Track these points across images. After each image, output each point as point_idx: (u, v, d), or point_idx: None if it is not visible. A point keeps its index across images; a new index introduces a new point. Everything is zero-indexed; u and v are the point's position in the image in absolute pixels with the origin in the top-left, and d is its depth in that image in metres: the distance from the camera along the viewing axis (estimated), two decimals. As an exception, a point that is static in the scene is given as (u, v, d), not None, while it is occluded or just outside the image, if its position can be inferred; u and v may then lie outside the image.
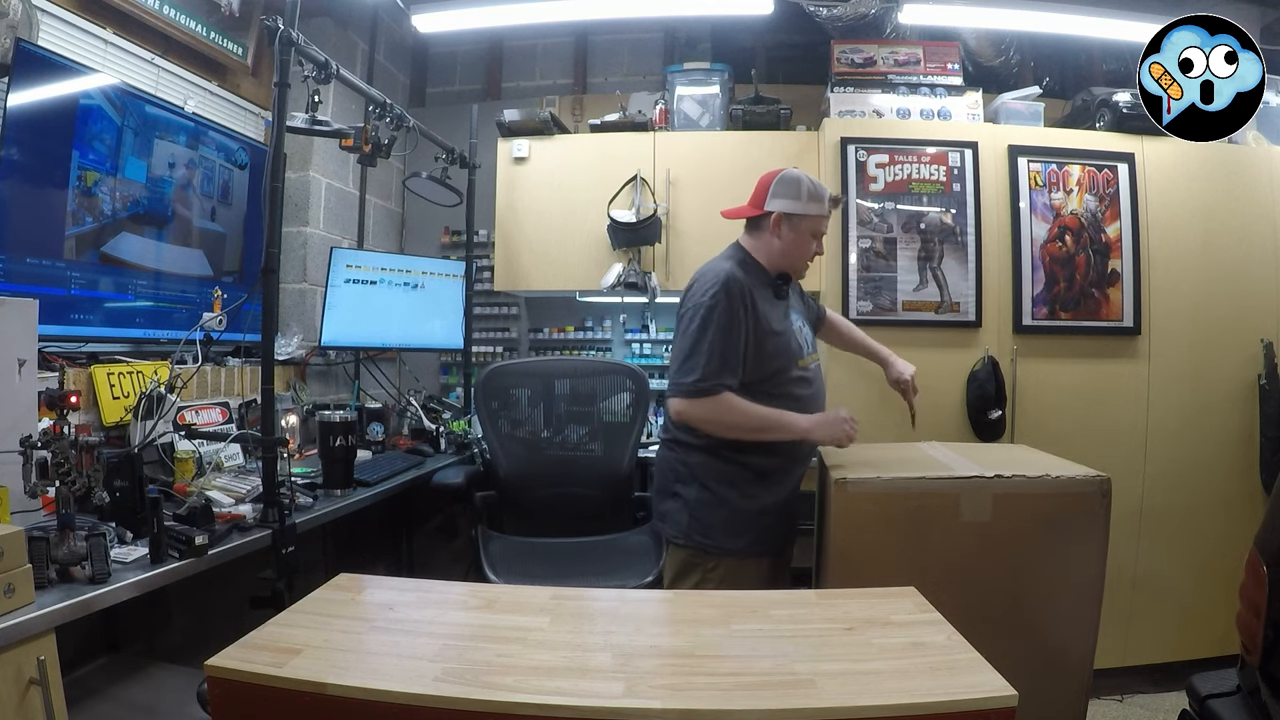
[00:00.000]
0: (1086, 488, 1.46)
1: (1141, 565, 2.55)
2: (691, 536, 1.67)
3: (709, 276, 1.65)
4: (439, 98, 3.68)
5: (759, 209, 1.72)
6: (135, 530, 1.44)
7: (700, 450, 1.68)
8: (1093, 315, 2.59)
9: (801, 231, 1.71)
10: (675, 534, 1.70)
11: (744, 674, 0.92)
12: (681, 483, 1.71)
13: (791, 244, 1.71)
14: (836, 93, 2.82)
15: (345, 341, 2.79)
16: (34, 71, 1.81)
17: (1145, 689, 2.54)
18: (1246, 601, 1.37)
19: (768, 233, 1.72)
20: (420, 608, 1.14)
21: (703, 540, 1.66)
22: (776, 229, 1.71)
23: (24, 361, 1.43)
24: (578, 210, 2.95)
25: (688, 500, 1.69)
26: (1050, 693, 1.43)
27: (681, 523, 1.69)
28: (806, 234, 1.72)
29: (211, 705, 0.92)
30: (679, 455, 1.72)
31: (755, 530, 1.67)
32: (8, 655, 1.06)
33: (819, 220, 1.72)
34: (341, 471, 1.97)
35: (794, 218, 1.70)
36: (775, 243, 1.71)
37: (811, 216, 1.70)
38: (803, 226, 1.71)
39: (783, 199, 1.69)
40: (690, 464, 1.70)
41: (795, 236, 1.71)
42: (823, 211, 1.72)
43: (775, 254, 1.72)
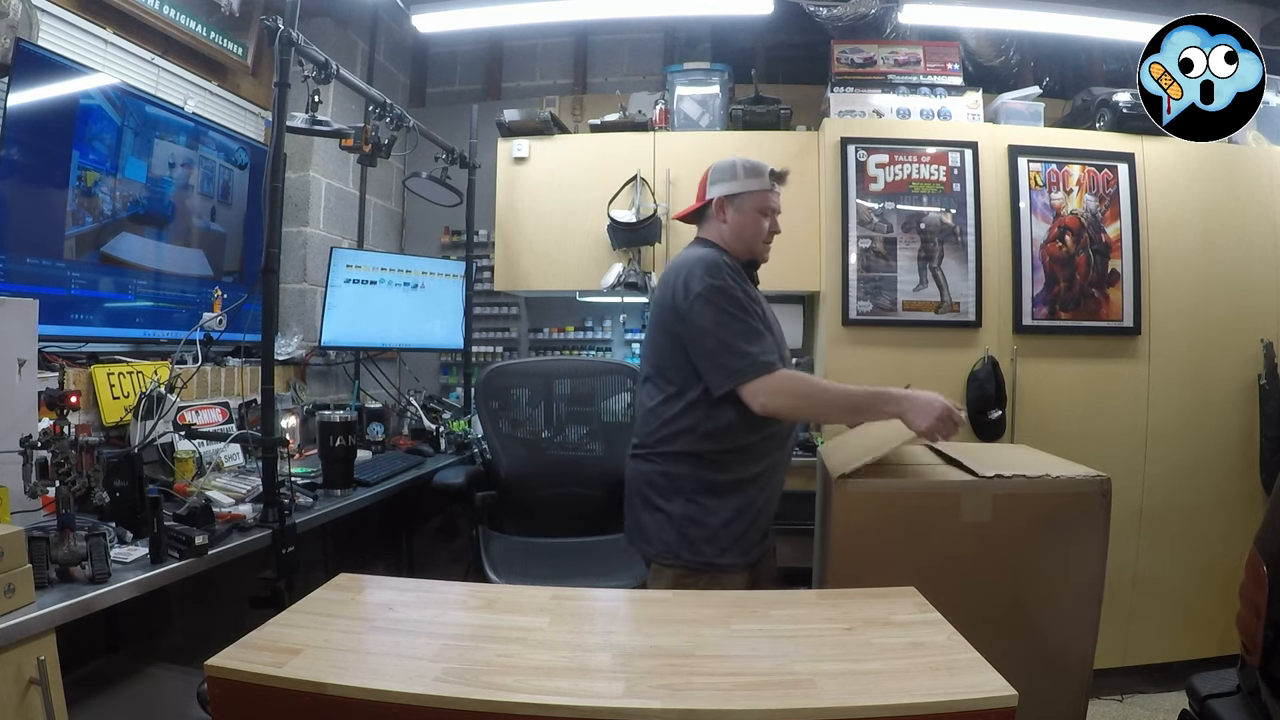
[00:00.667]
0: (1086, 488, 1.46)
1: (1141, 565, 2.55)
2: (680, 555, 1.54)
3: (693, 264, 1.56)
4: (439, 98, 3.68)
5: (701, 200, 1.69)
6: (135, 530, 1.44)
7: (684, 460, 1.56)
8: (1093, 315, 2.59)
9: (746, 210, 1.64)
10: (660, 553, 1.57)
11: (744, 674, 0.92)
12: (663, 497, 1.57)
13: (740, 225, 1.65)
14: (836, 93, 2.82)
15: (345, 341, 2.79)
16: (34, 71, 1.81)
17: (1145, 689, 2.55)
18: (1246, 601, 1.37)
19: (715, 220, 1.67)
20: (420, 608, 1.14)
21: (692, 558, 1.53)
22: (721, 213, 1.65)
23: (24, 361, 1.43)
24: (578, 210, 2.95)
25: (672, 516, 1.56)
26: (1050, 693, 1.42)
27: (668, 540, 1.55)
28: (753, 211, 1.65)
29: (211, 705, 0.92)
30: (659, 467, 1.59)
31: (743, 544, 1.56)
32: (8, 655, 1.06)
33: (762, 195, 1.65)
34: (341, 471, 1.97)
35: (734, 197, 1.64)
36: (724, 228, 1.65)
37: (753, 192, 1.64)
38: (746, 205, 1.64)
39: (720, 183, 1.66)
40: (674, 476, 1.57)
41: (741, 216, 1.64)
42: (764, 185, 1.65)
43: (729, 239, 1.65)
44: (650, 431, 1.61)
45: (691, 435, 1.56)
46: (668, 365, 1.58)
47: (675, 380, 1.57)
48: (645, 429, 1.63)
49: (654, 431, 1.60)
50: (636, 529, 1.64)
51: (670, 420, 1.57)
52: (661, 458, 1.59)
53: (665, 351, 1.59)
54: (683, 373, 1.56)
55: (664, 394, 1.59)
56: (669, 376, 1.58)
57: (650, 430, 1.61)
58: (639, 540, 1.64)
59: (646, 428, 1.63)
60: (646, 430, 1.63)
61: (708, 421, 1.54)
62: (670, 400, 1.58)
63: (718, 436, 1.54)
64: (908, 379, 2.54)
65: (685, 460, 1.56)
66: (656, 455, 1.60)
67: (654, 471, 1.60)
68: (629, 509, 1.68)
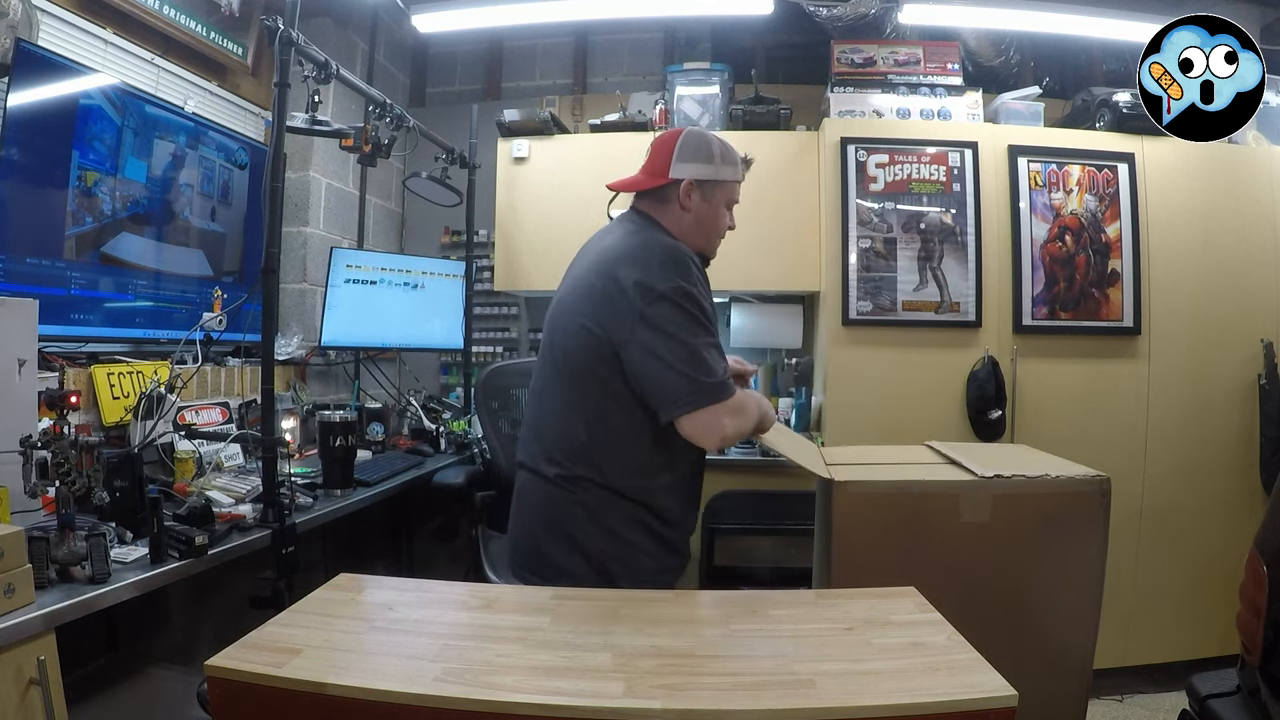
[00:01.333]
0: (1086, 488, 1.46)
1: (1141, 565, 2.55)
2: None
3: (654, 252, 1.32)
4: (439, 98, 3.68)
5: (663, 177, 1.42)
6: (135, 530, 1.44)
7: (603, 489, 1.34)
8: (1093, 315, 2.59)
9: (716, 201, 1.44)
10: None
11: (744, 674, 0.92)
12: (577, 528, 1.35)
13: (704, 217, 1.44)
14: (836, 93, 2.82)
15: (345, 341, 2.79)
16: (34, 71, 1.81)
17: (1145, 689, 2.55)
18: (1246, 601, 1.37)
19: (675, 204, 1.42)
20: (420, 608, 1.14)
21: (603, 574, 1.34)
22: (687, 198, 1.41)
23: (24, 361, 1.43)
24: (578, 210, 2.94)
25: (588, 551, 1.35)
26: (1050, 693, 1.42)
27: (578, 575, 1.33)
28: (720, 204, 1.45)
29: (211, 705, 0.92)
30: (573, 495, 1.35)
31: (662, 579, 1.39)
32: (8, 655, 1.06)
33: (733, 187, 1.47)
34: (341, 471, 1.97)
35: (707, 184, 1.42)
36: (686, 216, 1.42)
37: (726, 183, 1.45)
38: (718, 194, 1.44)
39: (693, 163, 1.41)
40: (591, 506, 1.34)
41: (708, 208, 1.43)
42: (738, 176, 1.47)
43: (688, 229, 1.42)
44: (567, 451, 1.36)
45: (622, 464, 1.34)
46: (594, 366, 1.33)
47: (599, 385, 1.33)
48: (558, 446, 1.37)
49: (572, 452, 1.35)
50: (540, 561, 1.39)
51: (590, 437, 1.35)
52: (577, 484, 1.35)
53: (591, 349, 1.33)
54: (611, 376, 1.32)
55: (582, 401, 1.35)
56: (593, 380, 1.34)
57: (566, 449, 1.36)
58: (536, 575, 1.39)
59: (560, 445, 1.37)
60: (559, 448, 1.37)
61: (643, 447, 1.34)
62: (590, 411, 1.35)
63: (650, 467, 1.35)
64: (908, 379, 2.57)
65: (605, 489, 1.35)
66: (571, 481, 1.36)
67: (567, 499, 1.36)
68: (528, 536, 1.43)
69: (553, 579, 1.34)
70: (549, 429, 1.41)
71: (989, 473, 1.46)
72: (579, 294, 1.38)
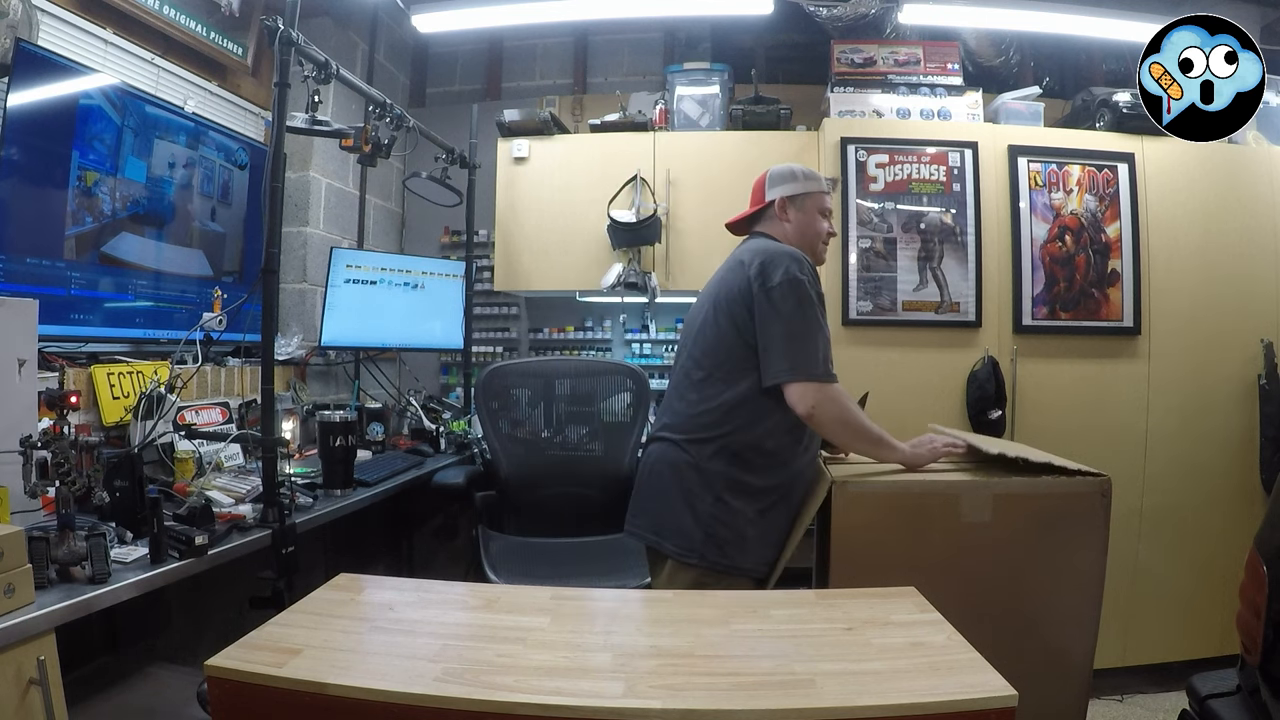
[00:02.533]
0: (1086, 488, 1.46)
1: (1141, 565, 2.55)
2: (705, 555, 1.52)
3: (775, 254, 1.56)
4: (439, 98, 3.68)
5: (761, 203, 1.72)
6: (135, 530, 1.44)
7: (719, 457, 1.54)
8: (1093, 315, 2.59)
9: (808, 209, 1.70)
10: (683, 550, 1.53)
11: (744, 674, 0.92)
12: (693, 493, 1.54)
13: (802, 224, 1.69)
14: (836, 93, 2.82)
15: (345, 341, 2.79)
16: (34, 71, 1.81)
17: (1145, 689, 2.54)
18: (1246, 601, 1.37)
19: (776, 220, 1.70)
20: (420, 608, 1.14)
21: (717, 559, 1.52)
22: (784, 213, 1.69)
23: (24, 361, 1.43)
24: (578, 210, 2.95)
25: (700, 514, 1.53)
26: (1050, 693, 1.42)
27: (693, 538, 1.53)
28: (813, 211, 1.70)
29: (211, 705, 0.92)
30: (690, 459, 1.56)
31: (764, 552, 1.55)
32: (8, 655, 1.06)
33: (822, 196, 1.72)
34: (341, 471, 1.97)
35: (796, 197, 1.69)
36: (787, 227, 1.69)
37: (814, 193, 1.70)
38: (808, 204, 1.70)
39: (780, 185, 1.70)
40: (706, 472, 1.54)
41: (803, 216, 1.69)
42: (822, 187, 1.72)
43: (793, 238, 1.68)
44: (686, 420, 1.59)
45: (734, 431, 1.54)
46: (723, 354, 1.57)
47: (728, 370, 1.56)
48: (680, 417, 1.61)
49: (691, 419, 1.58)
50: (658, 522, 1.60)
51: (713, 411, 1.55)
52: (695, 447, 1.56)
53: (724, 339, 1.57)
54: (739, 364, 1.55)
55: (712, 384, 1.57)
56: (723, 365, 1.56)
57: (687, 418, 1.59)
58: (653, 531, 1.60)
59: (681, 416, 1.60)
60: (682, 419, 1.60)
61: (755, 420, 1.53)
62: (717, 391, 1.56)
63: (761, 437, 1.54)
64: (908, 379, 2.56)
65: (720, 457, 1.54)
66: (691, 444, 1.57)
67: (685, 463, 1.57)
68: (648, 496, 1.64)
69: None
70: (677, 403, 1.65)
71: (994, 449, 1.48)
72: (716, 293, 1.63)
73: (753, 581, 1.55)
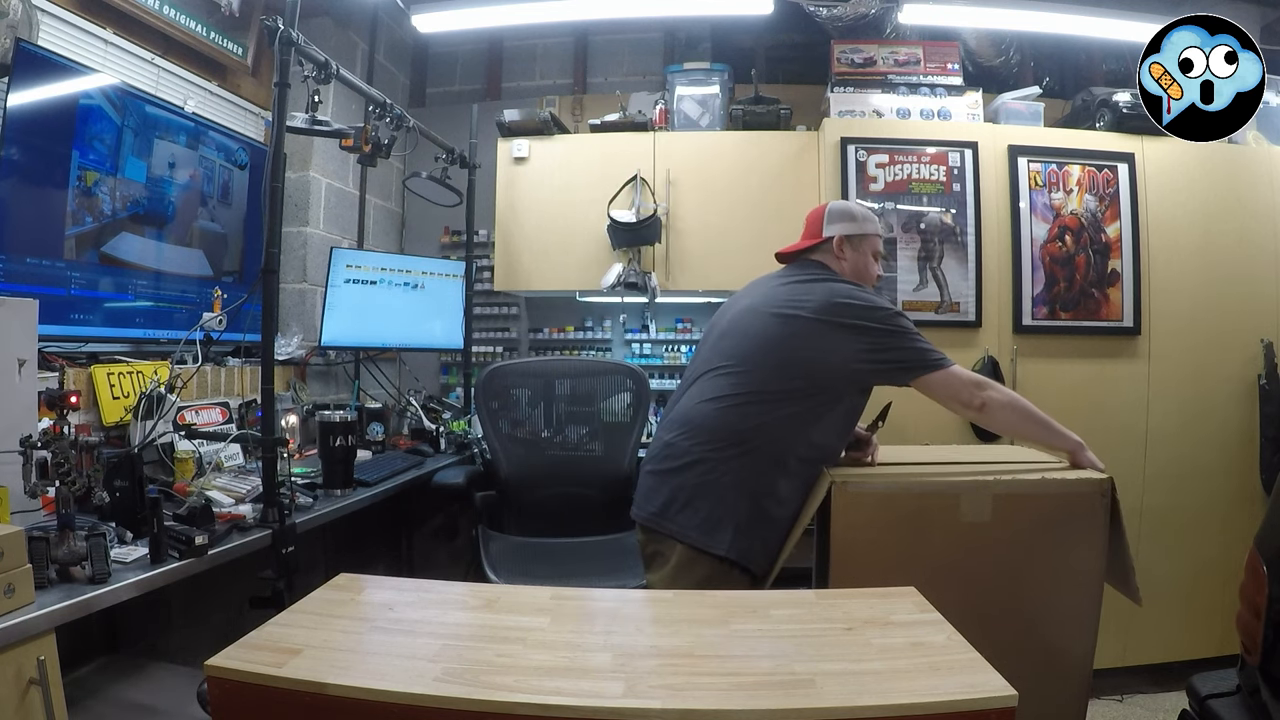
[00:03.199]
0: (1086, 488, 1.46)
1: (1141, 565, 2.53)
2: (730, 552, 1.52)
3: (841, 287, 1.62)
4: (439, 98, 3.68)
5: (817, 237, 1.74)
6: (135, 530, 1.44)
7: (762, 462, 1.56)
8: (1093, 315, 2.59)
9: (863, 251, 1.73)
10: (711, 543, 1.53)
11: (744, 674, 0.92)
12: (727, 493, 1.55)
13: (857, 264, 1.72)
14: (836, 93, 2.82)
15: (345, 341, 2.79)
16: (34, 71, 1.81)
17: (1145, 689, 2.54)
18: (1246, 601, 1.37)
19: (833, 256, 1.72)
20: (420, 608, 1.14)
21: (740, 558, 1.53)
22: (841, 251, 1.71)
23: (24, 361, 1.43)
24: (578, 210, 2.95)
25: (738, 516, 1.54)
26: (1050, 693, 1.42)
27: (725, 538, 1.53)
28: (868, 253, 1.74)
29: (211, 705, 0.92)
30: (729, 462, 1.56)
31: (773, 550, 1.58)
32: (8, 655, 1.06)
33: (876, 240, 1.75)
34: (341, 471, 1.97)
35: (854, 238, 1.72)
36: (843, 265, 1.72)
37: (869, 235, 1.74)
38: (864, 246, 1.73)
39: (840, 223, 1.72)
40: (743, 474, 1.56)
41: (859, 256, 1.72)
42: (878, 230, 1.76)
43: (849, 276, 1.71)
44: (722, 424, 1.57)
45: (782, 439, 1.56)
46: (770, 367, 1.57)
47: (782, 384, 1.56)
48: (714, 420, 1.58)
49: (730, 424, 1.57)
50: (693, 518, 1.56)
51: (758, 417, 1.56)
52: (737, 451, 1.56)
53: (771, 353, 1.58)
54: (801, 379, 1.56)
55: (766, 396, 1.56)
56: (778, 377, 1.57)
57: (724, 423, 1.57)
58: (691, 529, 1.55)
59: (716, 420, 1.58)
60: (717, 422, 1.58)
61: (805, 428, 1.57)
62: (769, 402, 1.56)
63: (808, 446, 1.58)
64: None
65: (764, 462, 1.56)
66: (730, 447, 1.57)
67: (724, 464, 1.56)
68: (669, 483, 1.60)
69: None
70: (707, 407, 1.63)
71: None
72: (771, 309, 1.63)
73: (751, 580, 1.56)
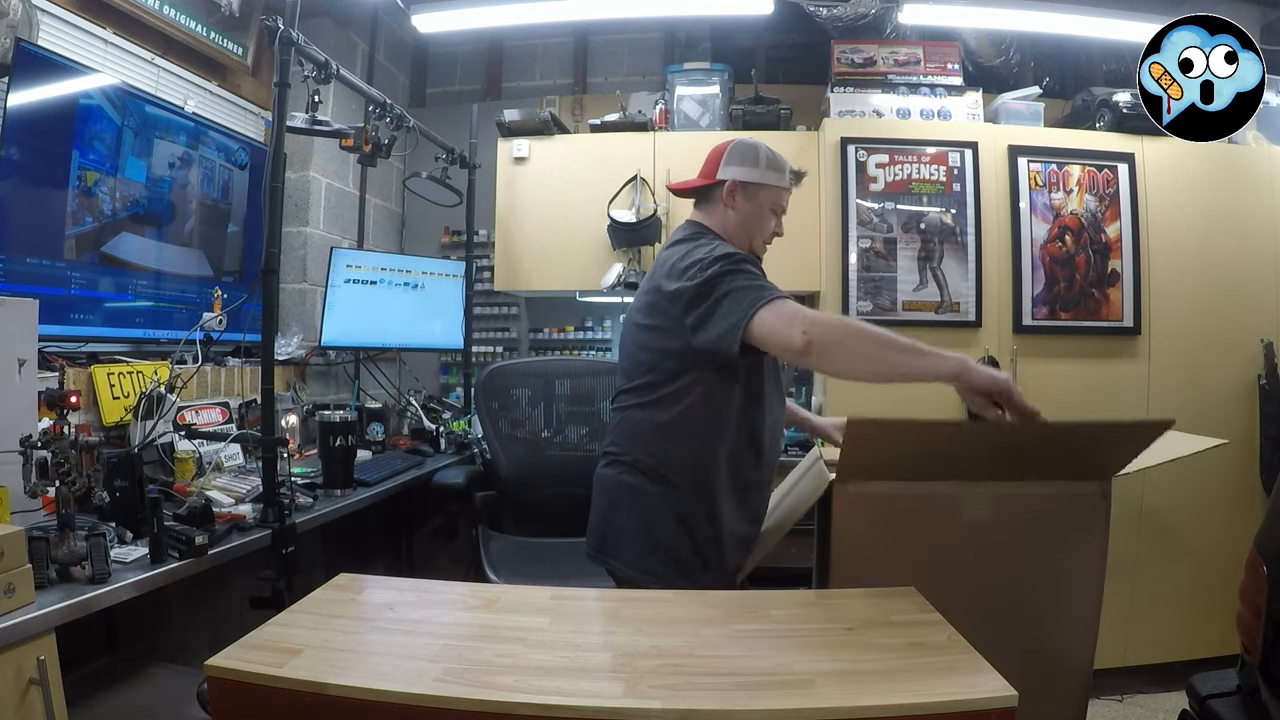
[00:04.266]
0: (1086, 488, 1.46)
1: (1141, 565, 2.55)
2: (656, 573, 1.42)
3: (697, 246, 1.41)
4: (439, 98, 3.68)
5: (710, 178, 1.52)
6: (135, 530, 1.44)
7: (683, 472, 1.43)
8: (1093, 315, 2.59)
9: (759, 203, 1.51)
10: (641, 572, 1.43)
11: (744, 674, 0.92)
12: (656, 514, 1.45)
13: (748, 217, 1.51)
14: (836, 93, 2.82)
15: (345, 341, 2.79)
16: (34, 71, 1.81)
17: (1145, 689, 2.54)
18: (1246, 601, 1.37)
19: (720, 204, 1.51)
20: (420, 608, 1.14)
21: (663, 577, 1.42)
22: (731, 198, 1.50)
23: (24, 361, 1.43)
24: (578, 210, 2.95)
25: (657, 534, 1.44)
26: (1050, 693, 1.42)
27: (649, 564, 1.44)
28: (765, 206, 1.52)
29: (211, 705, 0.92)
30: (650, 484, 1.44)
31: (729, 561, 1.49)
32: (8, 655, 1.06)
33: (779, 193, 1.53)
34: (341, 471, 1.97)
35: (750, 186, 1.50)
36: (730, 214, 1.51)
37: (771, 187, 1.51)
38: (761, 197, 1.51)
39: (737, 166, 1.51)
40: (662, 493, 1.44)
41: (752, 208, 1.51)
42: (783, 183, 1.53)
43: (731, 228, 1.50)
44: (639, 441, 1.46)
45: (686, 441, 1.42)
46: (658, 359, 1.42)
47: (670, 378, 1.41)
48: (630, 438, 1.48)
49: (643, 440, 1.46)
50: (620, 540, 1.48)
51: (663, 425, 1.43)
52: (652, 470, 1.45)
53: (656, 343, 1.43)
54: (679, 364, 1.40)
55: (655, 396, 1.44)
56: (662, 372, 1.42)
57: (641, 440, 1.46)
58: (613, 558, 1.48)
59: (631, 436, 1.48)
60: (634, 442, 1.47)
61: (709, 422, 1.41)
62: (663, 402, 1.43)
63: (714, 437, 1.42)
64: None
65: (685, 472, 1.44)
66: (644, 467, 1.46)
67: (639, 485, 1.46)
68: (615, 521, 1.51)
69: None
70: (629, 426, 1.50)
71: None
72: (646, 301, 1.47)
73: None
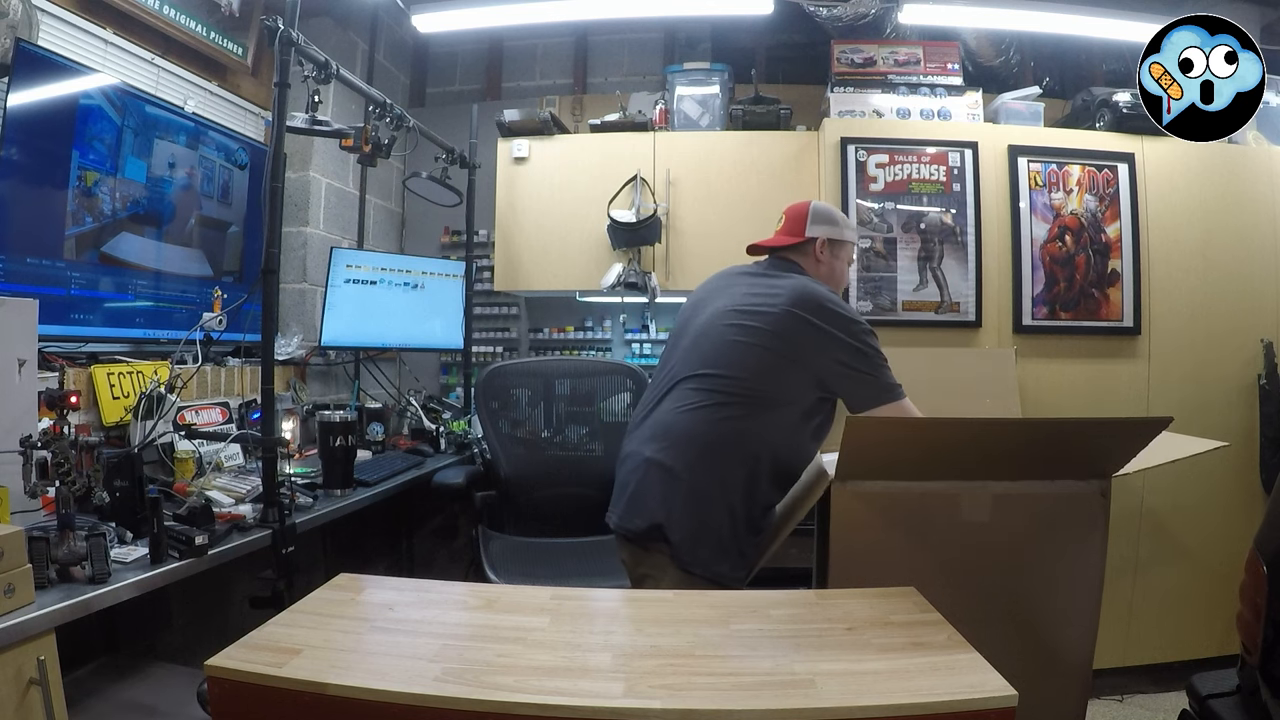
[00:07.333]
0: (1086, 488, 1.46)
1: (1141, 565, 2.55)
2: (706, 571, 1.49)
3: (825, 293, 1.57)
4: (439, 98, 3.68)
5: (799, 236, 1.70)
6: (135, 530, 1.44)
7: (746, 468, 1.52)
8: (1093, 315, 2.59)
9: (841, 257, 1.74)
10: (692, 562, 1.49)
11: (744, 674, 0.92)
12: (713, 507, 1.52)
13: (835, 270, 1.72)
14: (836, 93, 2.82)
15: (345, 341, 2.79)
16: (34, 71, 1.81)
17: (1145, 689, 2.54)
18: (1246, 601, 1.37)
19: (813, 259, 1.70)
20: (420, 608, 1.14)
21: (716, 579, 1.49)
22: (821, 253, 1.70)
23: (24, 361, 1.43)
24: (578, 210, 2.95)
25: (720, 531, 1.51)
26: (1050, 693, 1.42)
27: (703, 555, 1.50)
28: (845, 260, 1.75)
29: (211, 705, 0.92)
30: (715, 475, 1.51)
31: (754, 562, 1.57)
32: (8, 655, 1.06)
33: (854, 247, 1.79)
34: (341, 471, 1.97)
35: (836, 243, 1.71)
36: (821, 268, 1.70)
37: (849, 243, 1.75)
38: (842, 253, 1.73)
39: (825, 225, 1.70)
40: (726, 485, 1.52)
41: (837, 263, 1.73)
42: (856, 238, 1.79)
43: (824, 280, 1.67)
44: (702, 437, 1.53)
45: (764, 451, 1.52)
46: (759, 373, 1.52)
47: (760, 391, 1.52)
48: (699, 431, 1.53)
49: (708, 435, 1.52)
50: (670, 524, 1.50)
51: (739, 425, 1.51)
52: (714, 461, 1.52)
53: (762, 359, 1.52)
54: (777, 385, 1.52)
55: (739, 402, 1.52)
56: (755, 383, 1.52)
57: (704, 436, 1.52)
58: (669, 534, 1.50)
59: (700, 430, 1.53)
60: (700, 434, 1.53)
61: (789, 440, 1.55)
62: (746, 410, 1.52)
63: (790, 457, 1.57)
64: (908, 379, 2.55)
65: (747, 468, 1.52)
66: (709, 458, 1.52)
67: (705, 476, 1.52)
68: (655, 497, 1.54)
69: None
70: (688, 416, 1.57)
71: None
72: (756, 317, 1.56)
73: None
